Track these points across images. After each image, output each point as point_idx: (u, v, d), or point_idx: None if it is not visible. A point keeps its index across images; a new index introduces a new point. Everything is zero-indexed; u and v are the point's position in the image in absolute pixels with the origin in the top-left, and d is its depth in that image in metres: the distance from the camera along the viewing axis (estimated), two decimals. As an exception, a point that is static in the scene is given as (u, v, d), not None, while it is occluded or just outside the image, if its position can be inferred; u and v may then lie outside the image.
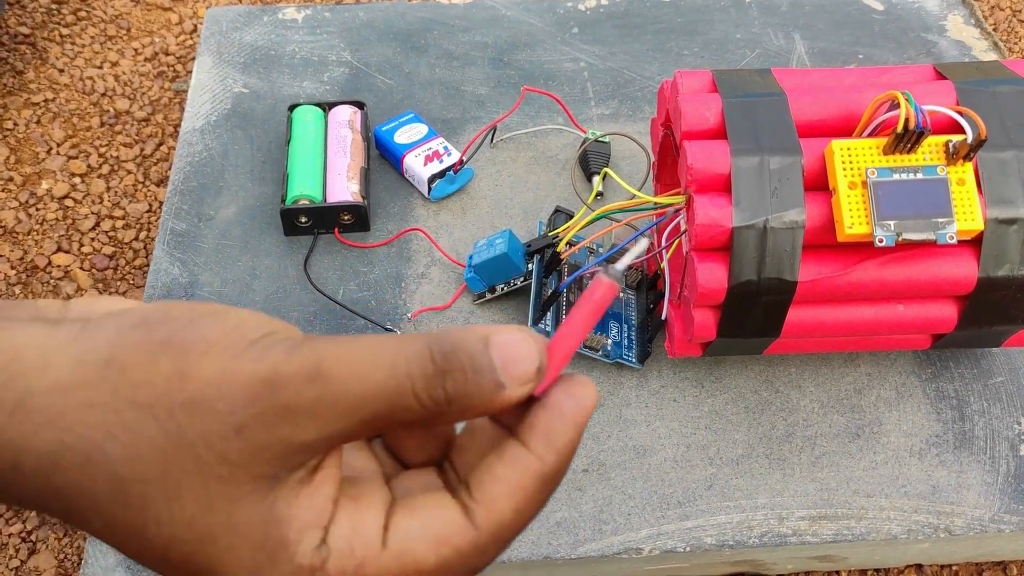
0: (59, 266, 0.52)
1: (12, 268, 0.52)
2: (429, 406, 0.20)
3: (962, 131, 0.35)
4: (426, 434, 0.24)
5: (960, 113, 0.35)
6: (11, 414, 0.20)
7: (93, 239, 0.54)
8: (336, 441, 0.21)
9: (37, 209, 0.55)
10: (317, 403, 0.20)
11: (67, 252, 0.53)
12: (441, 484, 0.23)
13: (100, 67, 0.64)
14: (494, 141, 0.55)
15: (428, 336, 0.21)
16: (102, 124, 0.60)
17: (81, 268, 0.52)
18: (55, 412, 0.20)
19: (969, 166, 0.35)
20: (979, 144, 0.34)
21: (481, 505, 0.22)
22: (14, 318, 0.22)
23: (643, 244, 0.25)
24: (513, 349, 0.21)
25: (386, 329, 0.45)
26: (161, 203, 0.56)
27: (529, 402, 0.21)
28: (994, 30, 0.70)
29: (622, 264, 0.23)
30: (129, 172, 0.58)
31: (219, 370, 0.20)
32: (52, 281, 0.52)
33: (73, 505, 0.21)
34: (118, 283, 0.52)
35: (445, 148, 0.52)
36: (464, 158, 0.51)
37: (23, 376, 0.21)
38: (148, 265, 0.49)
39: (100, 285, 0.52)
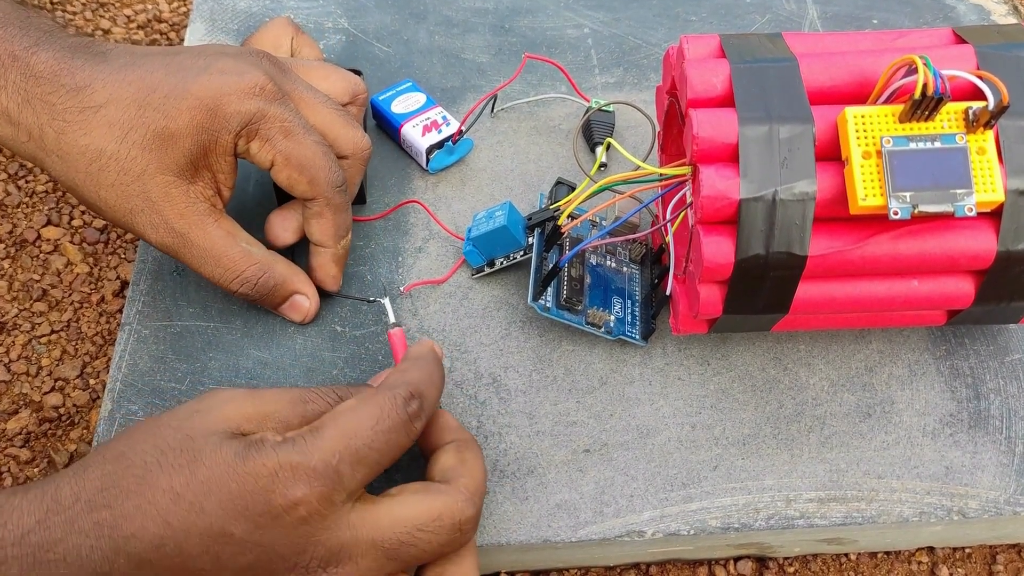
0: (49, 239, 0.51)
1: (1, 242, 0.51)
2: None
3: (982, 97, 0.33)
4: None
5: (981, 78, 0.33)
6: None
7: (83, 212, 0.52)
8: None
9: (27, 181, 0.54)
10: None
11: (57, 225, 0.52)
12: None
13: (92, 35, 0.62)
14: (494, 111, 0.53)
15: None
16: (93, 94, 0.59)
17: (71, 242, 0.51)
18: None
19: (990, 134, 0.33)
20: (1001, 111, 0.32)
21: None
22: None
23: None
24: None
25: (369, 302, 0.44)
26: (153, 175, 0.54)
27: None
28: (1013, -6, 0.68)
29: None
30: (121, 143, 0.56)
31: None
32: (41, 255, 0.50)
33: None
34: (109, 257, 0.51)
35: (444, 118, 0.50)
36: (463, 128, 0.50)
37: None
38: (139, 239, 0.47)
39: (91, 259, 0.50)
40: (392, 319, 0.41)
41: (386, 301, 0.42)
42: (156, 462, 0.31)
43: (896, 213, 0.32)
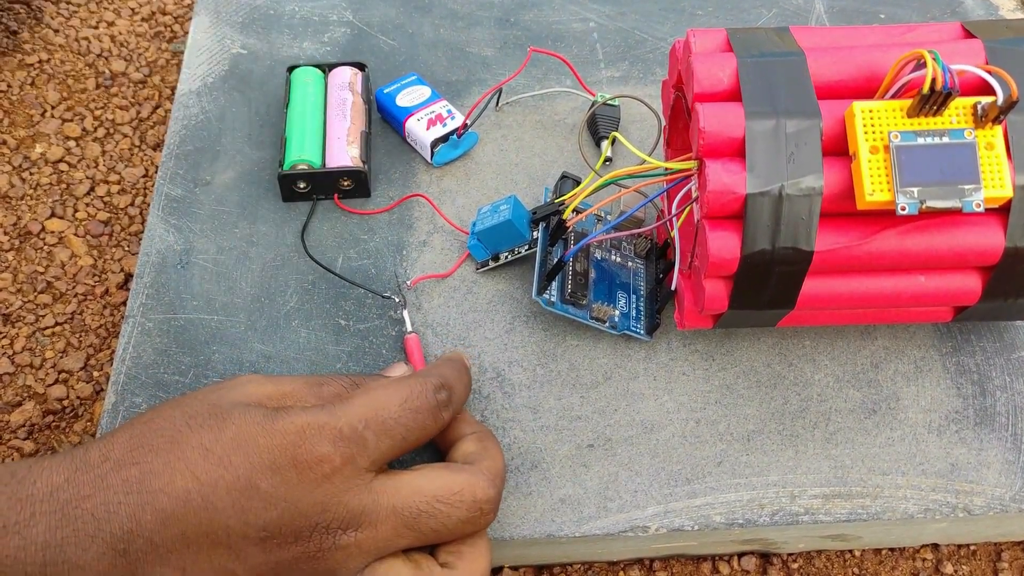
0: (53, 232, 0.51)
1: (5, 234, 0.51)
2: None
3: (991, 92, 0.33)
4: None
5: (990, 73, 0.33)
6: None
7: (88, 204, 0.52)
8: None
9: (31, 173, 0.54)
10: None
11: (61, 218, 0.52)
12: None
13: (96, 27, 0.62)
14: (499, 104, 0.53)
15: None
16: (98, 86, 0.59)
17: (75, 234, 0.51)
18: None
19: (999, 129, 0.33)
20: (1010, 106, 0.32)
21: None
22: None
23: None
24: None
25: (384, 297, 0.44)
26: (157, 168, 0.54)
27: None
28: (1021, -11, 0.67)
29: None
30: (125, 136, 0.56)
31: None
32: (46, 247, 0.50)
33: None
34: (113, 249, 0.50)
35: (449, 112, 0.50)
36: (468, 122, 0.49)
37: None
38: (144, 231, 0.47)
39: (95, 252, 0.50)
40: (409, 328, 0.43)
41: (405, 313, 0.43)
42: (185, 424, 0.32)
43: (903, 208, 0.32)
